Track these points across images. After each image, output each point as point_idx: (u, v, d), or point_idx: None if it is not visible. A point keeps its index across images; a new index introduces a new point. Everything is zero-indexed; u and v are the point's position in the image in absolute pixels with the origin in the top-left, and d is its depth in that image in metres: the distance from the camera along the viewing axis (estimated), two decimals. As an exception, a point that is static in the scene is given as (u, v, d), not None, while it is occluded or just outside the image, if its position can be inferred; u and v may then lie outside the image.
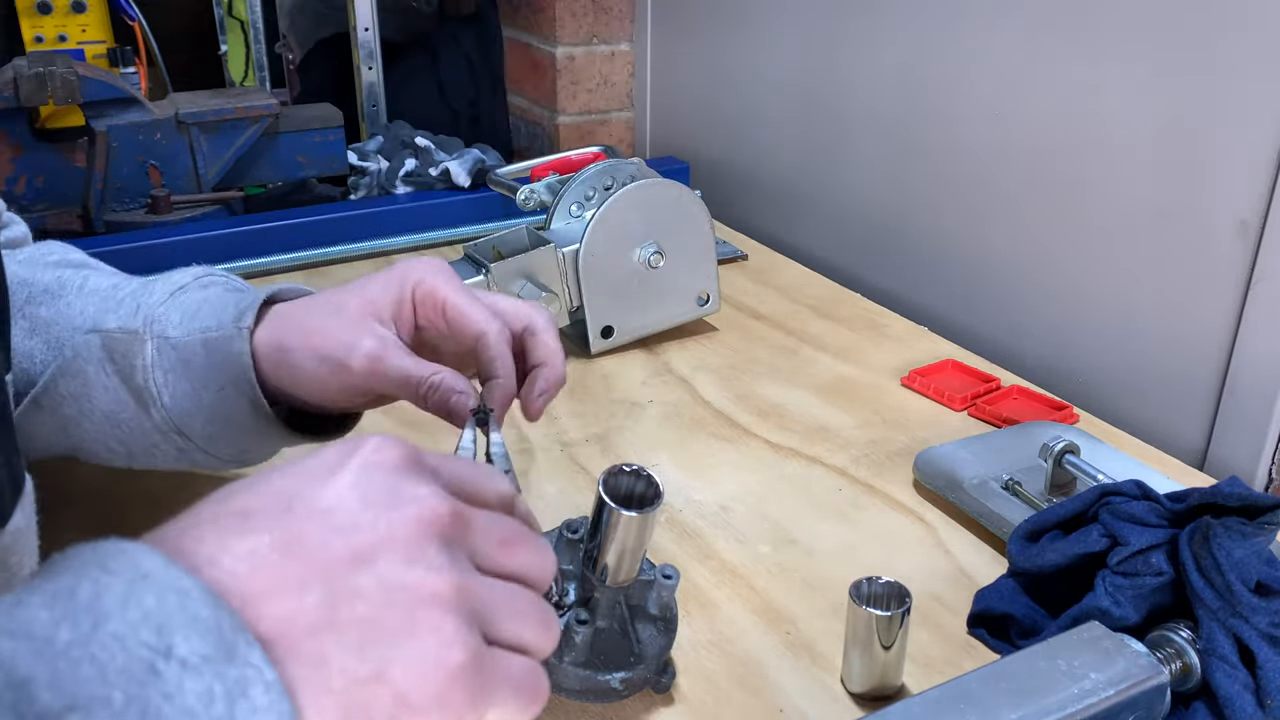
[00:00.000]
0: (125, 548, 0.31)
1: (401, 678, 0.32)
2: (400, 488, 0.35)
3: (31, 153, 1.20)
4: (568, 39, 1.46)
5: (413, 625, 0.32)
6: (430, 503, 0.35)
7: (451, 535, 0.35)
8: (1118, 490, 0.58)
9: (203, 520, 0.33)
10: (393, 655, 0.32)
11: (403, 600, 0.33)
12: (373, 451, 0.35)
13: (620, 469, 0.49)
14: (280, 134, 1.31)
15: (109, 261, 1.10)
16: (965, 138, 1.00)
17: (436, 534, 0.34)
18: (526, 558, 0.37)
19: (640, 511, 0.48)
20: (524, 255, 0.86)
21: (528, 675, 0.35)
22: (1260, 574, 0.51)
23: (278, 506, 0.33)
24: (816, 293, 1.09)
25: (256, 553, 0.32)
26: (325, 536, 0.33)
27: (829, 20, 1.15)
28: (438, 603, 0.33)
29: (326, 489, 0.34)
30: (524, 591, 0.37)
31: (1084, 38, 0.87)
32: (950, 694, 0.47)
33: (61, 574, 0.29)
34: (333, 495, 0.34)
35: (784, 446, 0.80)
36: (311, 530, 0.33)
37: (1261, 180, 0.76)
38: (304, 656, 0.31)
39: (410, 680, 0.32)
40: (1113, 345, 0.90)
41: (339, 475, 0.34)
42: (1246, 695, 0.49)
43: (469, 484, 0.38)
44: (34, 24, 1.49)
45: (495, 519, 0.37)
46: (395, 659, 0.32)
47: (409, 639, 0.32)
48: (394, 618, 0.32)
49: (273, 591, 0.31)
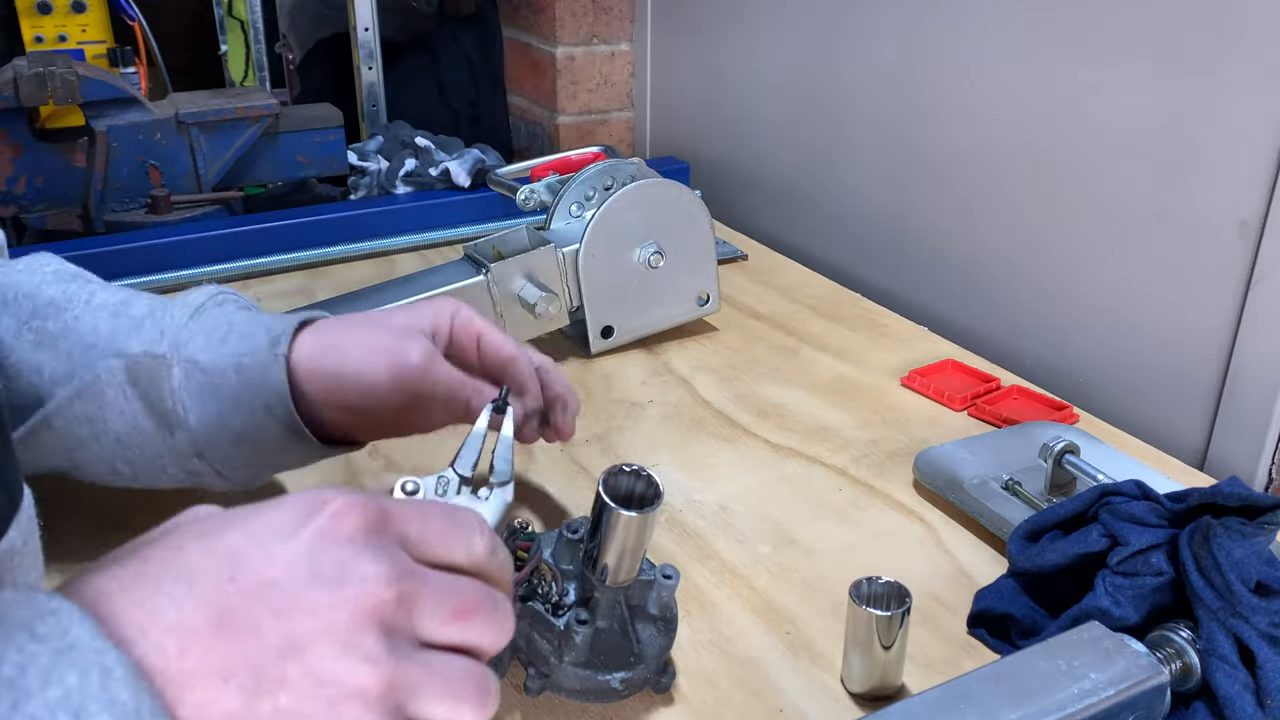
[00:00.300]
0: (57, 609, 0.30)
1: None
2: (350, 565, 0.34)
3: (31, 153, 1.20)
4: (568, 39, 1.46)
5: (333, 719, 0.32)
6: (376, 586, 0.34)
7: (393, 621, 0.34)
8: (1118, 490, 0.58)
9: (145, 576, 0.33)
10: None
11: (328, 695, 0.32)
12: (332, 517, 0.35)
13: (620, 469, 0.49)
14: (280, 134, 1.31)
15: (109, 261, 1.11)
16: (965, 138, 1.00)
17: (377, 622, 0.34)
18: (479, 629, 0.36)
19: (640, 512, 0.48)
20: (524, 255, 0.86)
21: None
22: (1260, 574, 0.51)
23: (221, 573, 0.33)
24: (816, 293, 1.09)
25: (188, 629, 0.32)
26: (261, 617, 0.32)
27: (829, 20, 1.15)
28: (362, 698, 0.33)
29: (274, 558, 0.33)
30: (467, 665, 0.36)
31: (1083, 38, 0.87)
32: (950, 694, 0.47)
33: None
34: (279, 566, 0.33)
35: (784, 446, 0.80)
36: (249, 609, 0.32)
37: (1261, 180, 0.76)
38: None
39: None
40: (1113, 345, 0.90)
41: (291, 542, 0.34)
42: (1246, 695, 0.49)
43: (437, 544, 0.37)
44: (34, 24, 1.49)
45: (454, 584, 0.37)
46: None
47: None
48: (315, 711, 0.32)
49: (197, 675, 0.31)
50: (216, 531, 0.34)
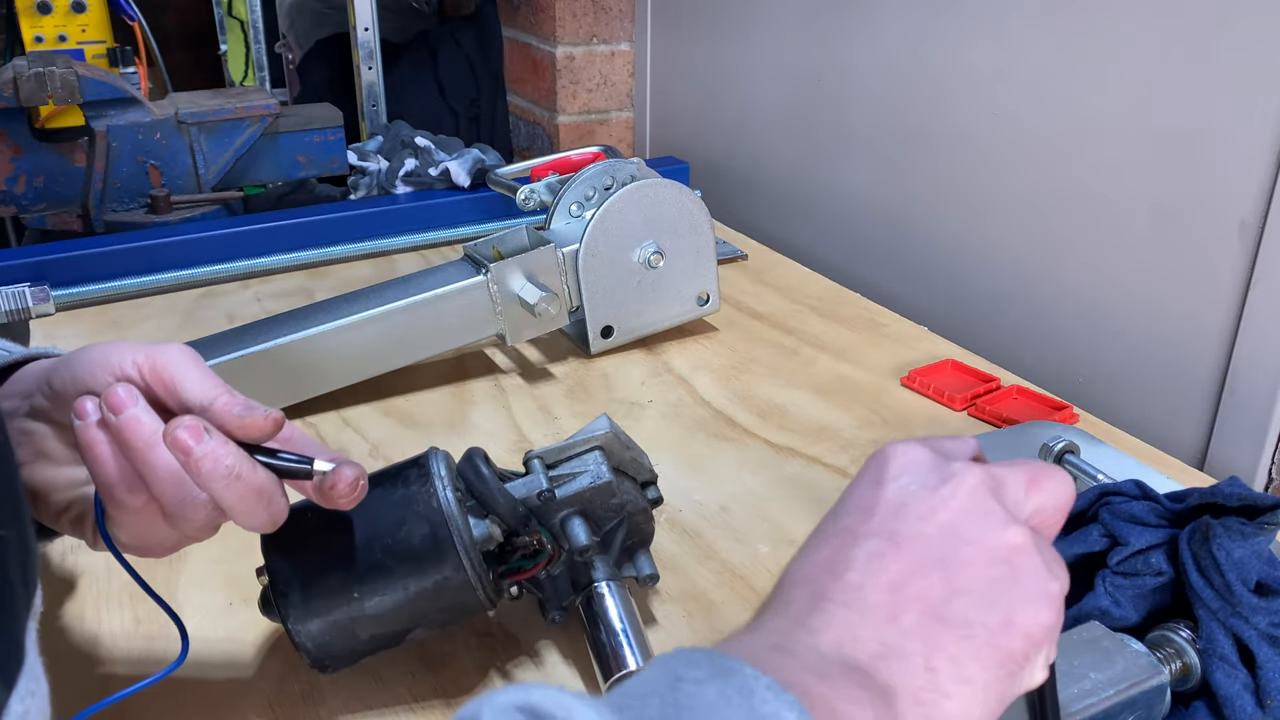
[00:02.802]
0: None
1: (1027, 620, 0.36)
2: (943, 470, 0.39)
3: (31, 153, 1.20)
4: (568, 39, 1.46)
5: (1016, 574, 0.37)
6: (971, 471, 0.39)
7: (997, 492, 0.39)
8: (1118, 490, 0.58)
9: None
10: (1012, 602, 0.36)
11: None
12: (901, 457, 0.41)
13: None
14: (280, 134, 1.32)
15: (109, 261, 1.11)
16: (965, 138, 1.00)
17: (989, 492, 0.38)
18: (1050, 486, 0.41)
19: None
20: (524, 255, 0.86)
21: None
22: (1260, 574, 0.51)
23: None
24: (816, 293, 1.09)
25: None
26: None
27: (829, 20, 1.15)
28: (1024, 550, 0.37)
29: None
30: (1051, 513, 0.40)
31: (1083, 39, 0.87)
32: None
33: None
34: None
35: (784, 446, 0.80)
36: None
37: (1261, 180, 0.76)
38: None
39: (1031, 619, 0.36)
40: (1113, 345, 0.90)
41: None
42: (1246, 695, 0.49)
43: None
44: (34, 24, 1.49)
45: (1015, 468, 0.41)
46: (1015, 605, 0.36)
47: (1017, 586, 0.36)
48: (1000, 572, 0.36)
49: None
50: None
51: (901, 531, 0.37)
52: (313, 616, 0.49)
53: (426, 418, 0.84)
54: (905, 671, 0.34)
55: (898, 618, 0.35)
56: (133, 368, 0.47)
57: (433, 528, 0.50)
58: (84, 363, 0.47)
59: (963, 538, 0.37)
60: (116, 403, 0.44)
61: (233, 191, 1.30)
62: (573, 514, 0.55)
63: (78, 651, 0.58)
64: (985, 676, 0.35)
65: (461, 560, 0.50)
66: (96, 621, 0.60)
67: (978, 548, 0.37)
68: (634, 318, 0.94)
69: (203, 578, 0.64)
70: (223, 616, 0.61)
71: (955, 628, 0.35)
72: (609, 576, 0.55)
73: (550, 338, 0.95)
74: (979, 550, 0.36)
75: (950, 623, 0.35)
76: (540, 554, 0.53)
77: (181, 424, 0.44)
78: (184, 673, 0.50)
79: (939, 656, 0.34)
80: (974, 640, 0.35)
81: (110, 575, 0.64)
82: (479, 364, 0.93)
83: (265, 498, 0.46)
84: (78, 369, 0.47)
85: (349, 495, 0.47)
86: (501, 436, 0.81)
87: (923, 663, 0.34)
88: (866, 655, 0.34)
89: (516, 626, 0.60)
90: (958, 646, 0.35)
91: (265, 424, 0.46)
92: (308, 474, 0.47)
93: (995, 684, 0.35)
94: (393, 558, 0.50)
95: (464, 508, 0.51)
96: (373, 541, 0.50)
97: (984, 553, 0.36)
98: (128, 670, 0.57)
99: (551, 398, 0.87)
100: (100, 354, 0.47)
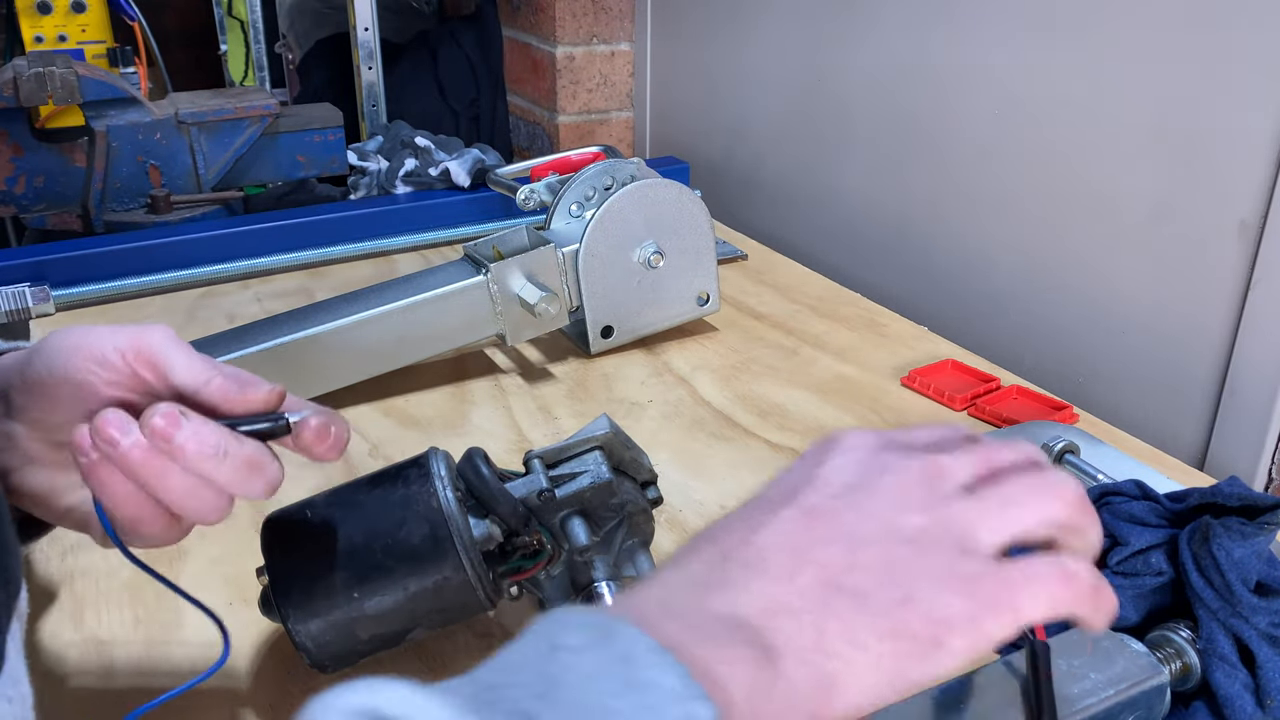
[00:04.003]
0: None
1: (926, 598, 0.35)
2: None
3: (31, 153, 1.20)
4: (568, 39, 1.46)
5: (921, 553, 0.36)
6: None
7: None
8: (1118, 490, 0.58)
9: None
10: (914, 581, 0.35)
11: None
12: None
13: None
14: (280, 134, 1.32)
15: (109, 261, 1.11)
16: (965, 138, 1.00)
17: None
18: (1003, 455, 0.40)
19: None
20: (524, 255, 0.86)
21: (1049, 567, 0.36)
22: (1260, 574, 0.51)
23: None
24: (816, 293, 1.09)
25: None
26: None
27: (829, 21, 1.15)
28: (932, 533, 0.36)
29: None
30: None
31: (1083, 38, 0.87)
32: (950, 693, 0.47)
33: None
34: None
35: (784, 446, 0.80)
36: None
37: (1261, 180, 0.76)
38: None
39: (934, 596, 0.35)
40: (1113, 345, 0.90)
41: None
42: (1246, 695, 0.49)
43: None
44: (34, 24, 1.49)
45: (973, 456, 0.40)
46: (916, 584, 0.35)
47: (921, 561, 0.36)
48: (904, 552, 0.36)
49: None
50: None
51: (819, 507, 0.37)
52: (313, 616, 0.50)
53: (426, 418, 0.84)
54: (794, 629, 0.34)
55: (794, 577, 0.35)
56: (115, 354, 0.44)
57: (433, 528, 0.50)
58: (59, 351, 0.45)
59: (875, 517, 0.37)
60: (110, 436, 0.42)
61: (233, 191, 1.30)
62: (573, 514, 0.55)
63: (78, 652, 0.58)
64: (880, 648, 0.34)
65: (461, 560, 0.50)
66: (96, 622, 0.61)
67: (885, 527, 0.36)
68: (634, 318, 0.94)
69: (203, 578, 0.64)
70: (223, 616, 0.61)
71: (850, 596, 0.34)
72: (609, 576, 0.55)
73: (550, 338, 0.95)
74: (886, 529, 0.36)
75: (845, 590, 0.35)
76: (540, 554, 0.53)
77: (157, 412, 0.43)
78: (184, 673, 0.50)
79: (830, 619, 0.34)
80: (868, 611, 0.34)
81: (110, 575, 0.64)
82: (479, 364, 0.93)
83: (258, 467, 0.44)
84: (54, 358, 0.45)
85: (320, 445, 0.45)
86: (501, 436, 0.81)
87: (812, 620, 0.34)
88: (756, 610, 0.34)
89: (516, 626, 0.60)
90: (851, 614, 0.34)
91: (270, 397, 0.45)
92: (287, 429, 0.45)
93: (891, 657, 0.34)
94: (392, 558, 0.50)
95: (464, 508, 0.51)
96: (373, 541, 0.50)
97: (891, 532, 0.36)
98: (128, 670, 0.57)
99: (551, 398, 0.87)
100: (77, 340, 0.45)
